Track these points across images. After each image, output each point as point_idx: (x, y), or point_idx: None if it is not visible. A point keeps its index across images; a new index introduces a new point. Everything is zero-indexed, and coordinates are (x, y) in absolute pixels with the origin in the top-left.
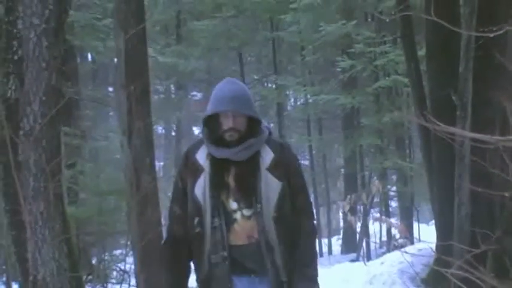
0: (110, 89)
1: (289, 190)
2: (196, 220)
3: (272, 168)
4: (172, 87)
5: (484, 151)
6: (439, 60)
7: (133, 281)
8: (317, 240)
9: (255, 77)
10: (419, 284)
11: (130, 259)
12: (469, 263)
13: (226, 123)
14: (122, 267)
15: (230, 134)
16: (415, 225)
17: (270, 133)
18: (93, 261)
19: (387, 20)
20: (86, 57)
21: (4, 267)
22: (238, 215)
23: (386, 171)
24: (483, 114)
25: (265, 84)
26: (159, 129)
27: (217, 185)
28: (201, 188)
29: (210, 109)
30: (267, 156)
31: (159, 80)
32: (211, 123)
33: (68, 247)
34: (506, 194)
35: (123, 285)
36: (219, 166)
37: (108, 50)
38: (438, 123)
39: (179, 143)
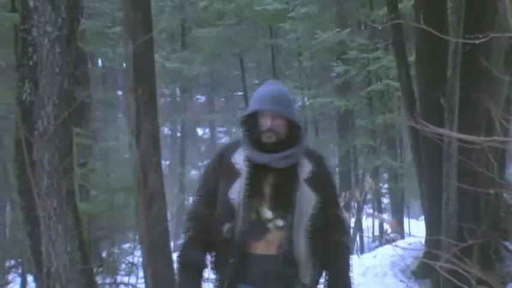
0: (119, 92)
1: (322, 204)
2: (227, 225)
3: (309, 180)
4: (177, 90)
5: (470, 151)
6: (428, 65)
7: (141, 273)
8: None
9: (255, 81)
10: (410, 276)
11: (138, 252)
12: (456, 256)
13: (265, 123)
14: (131, 260)
15: (268, 136)
16: (406, 220)
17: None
18: (103, 254)
19: (379, 28)
20: (97, 62)
21: (20, 260)
22: (271, 225)
23: (378, 170)
24: (469, 116)
25: None
26: (165, 130)
27: (254, 191)
28: (236, 192)
29: (249, 108)
30: (306, 167)
31: (165, 84)
32: (250, 124)
33: (79, 241)
34: (491, 191)
35: (131, 277)
36: (257, 171)
37: (118, 56)
38: (427, 124)
39: (184, 143)
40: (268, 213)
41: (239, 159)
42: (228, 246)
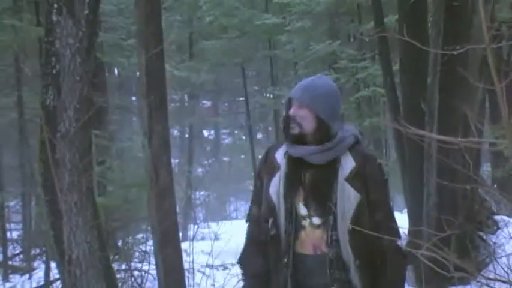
0: (133, 98)
1: (367, 205)
2: (270, 222)
3: (351, 179)
4: (185, 96)
5: (448, 150)
6: (411, 73)
7: (153, 260)
8: (406, 265)
9: (256, 88)
10: None
11: (150, 241)
12: (436, 245)
13: (290, 112)
14: (143, 249)
15: (292, 126)
16: None
17: (357, 142)
18: (119, 243)
19: (367, 40)
20: (113, 71)
21: (44, 248)
22: (306, 222)
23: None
24: (448, 119)
25: (264, 94)
26: (175, 132)
27: (292, 185)
28: (275, 187)
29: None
30: (347, 165)
31: (174, 90)
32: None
33: (97, 231)
34: (467, 187)
35: (144, 263)
36: (295, 165)
37: (132, 65)
38: (410, 127)
39: (191, 143)
40: (303, 210)
41: (281, 154)
42: (277, 244)
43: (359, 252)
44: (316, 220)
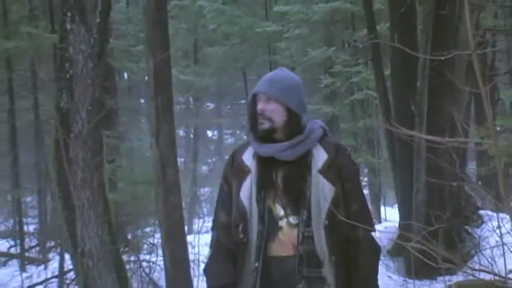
0: (142, 100)
1: (342, 196)
2: (240, 227)
3: (325, 171)
4: (190, 99)
5: (436, 150)
6: (401, 78)
7: (160, 252)
8: (379, 258)
9: None
10: (385, 255)
11: (157, 235)
12: (425, 238)
13: (258, 108)
14: (151, 241)
15: (261, 122)
16: (382, 208)
17: (326, 133)
18: (129, 236)
19: (360, 46)
20: (123, 75)
21: (58, 241)
22: (284, 222)
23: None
24: (436, 120)
25: None
26: (180, 132)
27: (264, 187)
28: (246, 190)
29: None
30: (320, 157)
31: (180, 93)
32: (251, 112)
33: (108, 225)
34: (454, 184)
35: (152, 255)
36: (266, 166)
37: (140, 70)
38: (400, 127)
39: (196, 143)
40: (279, 210)
41: (249, 156)
42: (246, 250)
43: (335, 248)
44: (293, 219)
